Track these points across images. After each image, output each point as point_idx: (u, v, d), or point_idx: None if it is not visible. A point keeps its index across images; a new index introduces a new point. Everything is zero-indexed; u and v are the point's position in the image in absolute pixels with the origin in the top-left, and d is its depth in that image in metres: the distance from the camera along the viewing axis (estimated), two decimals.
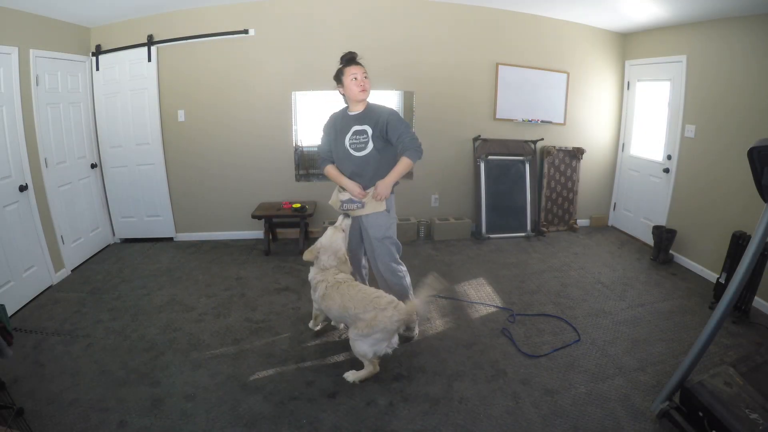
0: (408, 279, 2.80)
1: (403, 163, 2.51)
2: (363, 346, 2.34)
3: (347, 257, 2.61)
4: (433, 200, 4.89)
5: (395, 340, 2.41)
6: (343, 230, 2.61)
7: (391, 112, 2.55)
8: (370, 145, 2.53)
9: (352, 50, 2.61)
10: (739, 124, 3.46)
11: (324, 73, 2.73)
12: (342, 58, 2.57)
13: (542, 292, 3.52)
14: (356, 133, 2.55)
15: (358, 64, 2.55)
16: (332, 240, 2.56)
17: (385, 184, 2.52)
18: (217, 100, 4.39)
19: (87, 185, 4.25)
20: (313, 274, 2.61)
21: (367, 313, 2.31)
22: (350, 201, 2.64)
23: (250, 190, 4.62)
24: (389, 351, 2.41)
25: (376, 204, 2.60)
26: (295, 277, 3.79)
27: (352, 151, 2.56)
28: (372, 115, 2.56)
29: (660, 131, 4.39)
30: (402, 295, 2.67)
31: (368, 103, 2.61)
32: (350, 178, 2.61)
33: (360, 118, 2.56)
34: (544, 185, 4.92)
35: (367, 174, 2.58)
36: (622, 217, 5.09)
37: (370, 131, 2.53)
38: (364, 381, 2.42)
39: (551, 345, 2.78)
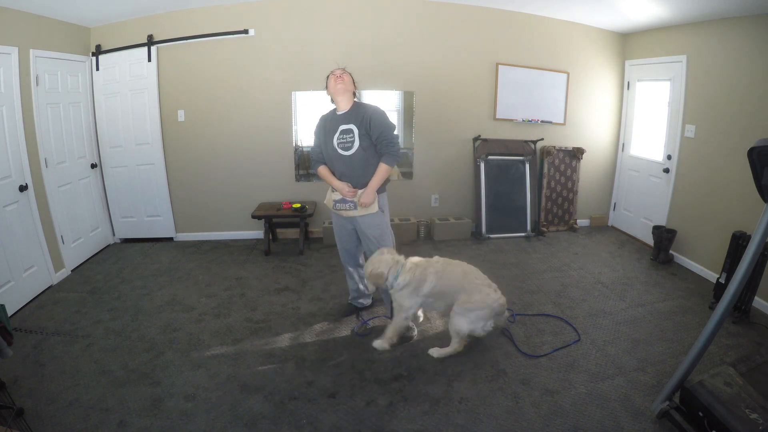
0: None
1: (382, 170, 2.57)
2: (462, 322, 2.50)
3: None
4: (433, 200, 4.89)
5: (490, 323, 2.54)
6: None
7: (375, 110, 2.58)
8: (357, 144, 2.55)
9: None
10: (740, 124, 3.46)
11: (324, 73, 2.75)
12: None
13: (542, 292, 3.52)
14: (343, 132, 2.57)
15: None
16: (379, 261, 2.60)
17: (367, 193, 2.57)
18: (217, 100, 4.39)
19: (87, 185, 4.25)
20: (407, 277, 2.58)
21: (475, 292, 2.50)
22: (342, 201, 2.67)
23: (250, 189, 4.62)
24: (482, 333, 2.55)
25: (368, 207, 2.63)
26: (295, 277, 3.79)
27: (340, 151, 2.58)
28: (357, 113, 2.58)
29: (660, 131, 4.39)
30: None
31: (355, 102, 2.64)
32: (340, 177, 2.64)
33: (346, 117, 2.58)
34: (544, 185, 4.92)
35: (355, 173, 2.60)
36: (622, 217, 5.09)
37: (356, 130, 2.55)
38: (445, 357, 2.59)
39: (551, 345, 2.78)
